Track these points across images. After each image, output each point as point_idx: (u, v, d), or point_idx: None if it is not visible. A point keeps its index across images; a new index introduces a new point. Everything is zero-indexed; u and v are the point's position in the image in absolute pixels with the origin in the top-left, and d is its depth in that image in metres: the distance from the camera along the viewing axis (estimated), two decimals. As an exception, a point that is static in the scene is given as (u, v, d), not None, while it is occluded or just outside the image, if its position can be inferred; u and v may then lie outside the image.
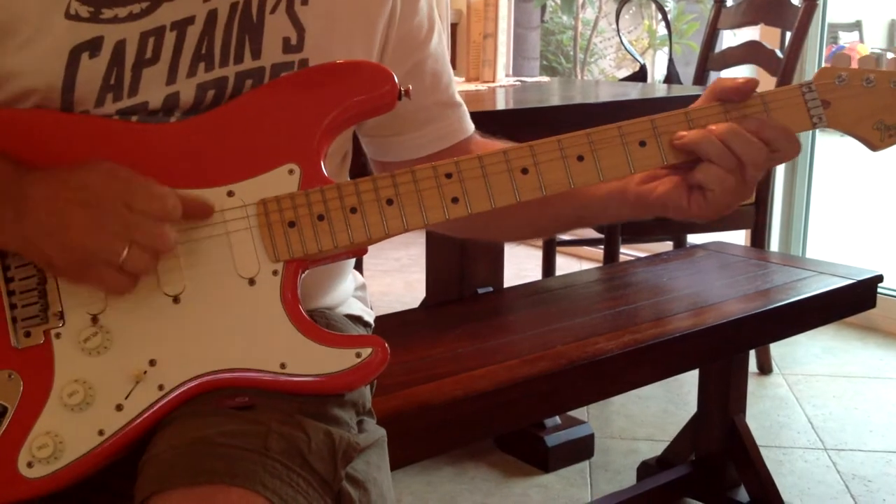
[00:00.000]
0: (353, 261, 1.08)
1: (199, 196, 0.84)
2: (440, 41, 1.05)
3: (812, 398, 2.60)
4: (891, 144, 0.90)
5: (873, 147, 0.91)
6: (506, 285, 2.19)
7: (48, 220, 0.79)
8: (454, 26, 3.82)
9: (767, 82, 2.35)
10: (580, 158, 0.88)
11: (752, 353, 2.70)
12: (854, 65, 0.89)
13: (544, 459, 2.17)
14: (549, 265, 3.07)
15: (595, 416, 2.45)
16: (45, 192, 0.80)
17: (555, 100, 2.31)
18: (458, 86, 2.61)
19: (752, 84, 0.89)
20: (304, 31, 0.90)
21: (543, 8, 6.42)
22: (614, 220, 1.00)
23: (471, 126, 1.09)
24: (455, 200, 0.87)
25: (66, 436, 0.81)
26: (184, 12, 0.87)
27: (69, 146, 0.85)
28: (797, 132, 0.90)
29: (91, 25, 0.85)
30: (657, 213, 0.92)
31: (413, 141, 1.04)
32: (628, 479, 2.14)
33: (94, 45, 0.85)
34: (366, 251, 0.89)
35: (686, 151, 0.88)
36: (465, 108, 1.09)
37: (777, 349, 2.87)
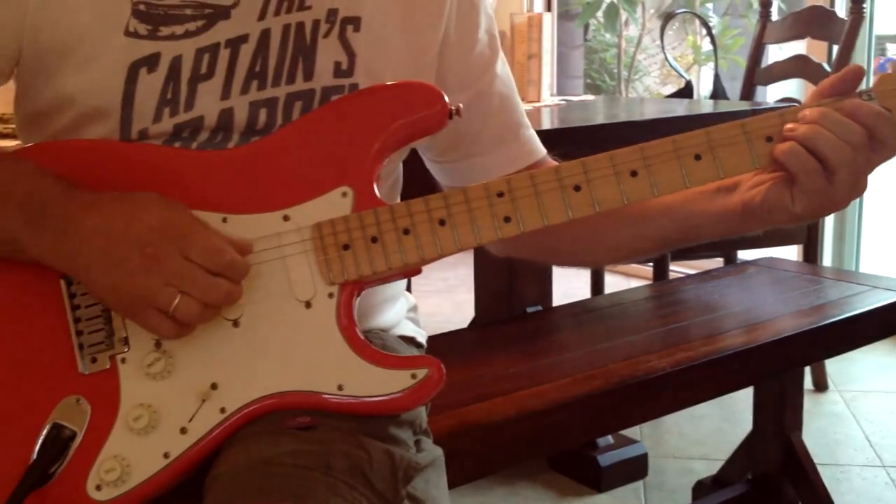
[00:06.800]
0: (405, 282, 1.09)
1: (240, 238, 0.84)
2: (504, 65, 1.06)
3: (869, 415, 2.56)
4: None
5: None
6: (554, 304, 2.19)
7: (101, 257, 0.80)
8: (498, 48, 3.83)
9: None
10: (633, 174, 0.87)
11: (807, 369, 2.66)
12: None
13: (597, 479, 2.16)
14: (597, 283, 3.06)
15: (648, 436, 2.43)
16: (98, 223, 0.80)
17: (600, 118, 2.31)
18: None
19: (857, 72, 0.86)
20: (356, 56, 0.92)
21: (586, 26, 6.42)
22: (720, 235, 0.95)
23: (542, 148, 1.08)
24: (507, 219, 0.87)
25: (132, 459, 0.83)
26: (238, 31, 0.90)
27: (127, 175, 0.87)
28: None
29: (149, 42, 0.88)
30: (764, 219, 0.89)
31: (483, 164, 1.04)
32: (683, 498, 2.12)
33: (151, 61, 0.88)
34: (420, 271, 0.89)
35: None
36: (532, 131, 1.09)
37: (832, 366, 2.82)
